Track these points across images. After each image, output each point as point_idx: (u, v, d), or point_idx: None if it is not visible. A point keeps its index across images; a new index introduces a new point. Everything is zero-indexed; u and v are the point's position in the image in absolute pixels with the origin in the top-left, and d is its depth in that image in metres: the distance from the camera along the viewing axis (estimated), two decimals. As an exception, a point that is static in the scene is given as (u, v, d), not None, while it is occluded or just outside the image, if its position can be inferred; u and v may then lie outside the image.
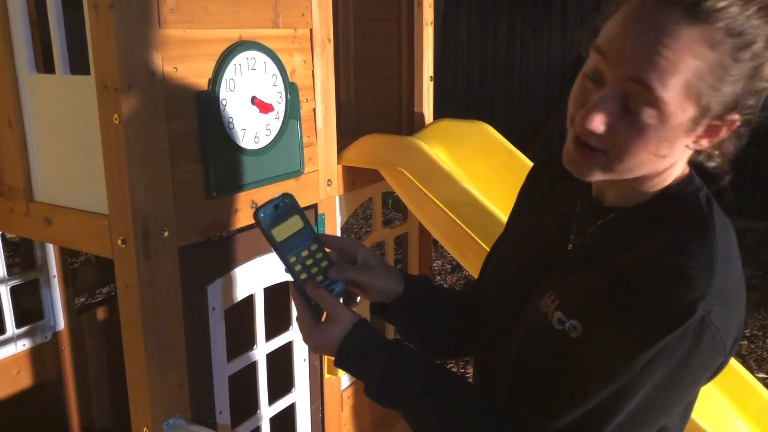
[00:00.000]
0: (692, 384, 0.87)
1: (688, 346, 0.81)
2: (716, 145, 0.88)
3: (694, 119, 0.82)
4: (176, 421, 1.44)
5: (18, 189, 1.52)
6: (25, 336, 2.41)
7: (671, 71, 0.78)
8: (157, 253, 1.37)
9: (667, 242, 0.86)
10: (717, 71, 0.79)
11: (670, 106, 0.80)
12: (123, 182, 1.31)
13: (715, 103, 0.81)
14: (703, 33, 0.77)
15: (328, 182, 1.83)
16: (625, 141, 0.83)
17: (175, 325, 1.42)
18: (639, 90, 0.80)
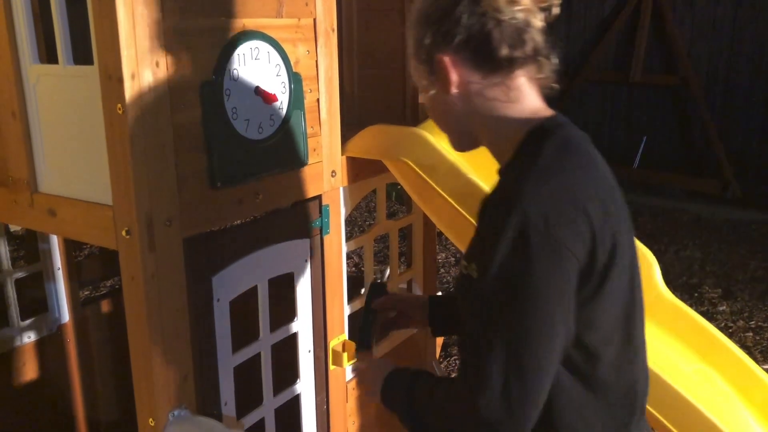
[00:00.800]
0: (551, 285, 0.96)
1: (523, 255, 0.94)
2: (463, 85, 1.10)
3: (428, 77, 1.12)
4: (181, 412, 1.44)
5: (22, 180, 1.52)
6: (30, 328, 2.42)
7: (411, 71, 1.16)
8: (161, 244, 1.36)
9: (508, 177, 1.05)
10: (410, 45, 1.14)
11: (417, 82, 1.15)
12: (127, 173, 1.30)
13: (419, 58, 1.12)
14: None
15: (332, 173, 1.83)
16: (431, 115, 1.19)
17: (179, 317, 1.42)
18: None
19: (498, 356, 0.97)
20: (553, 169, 1.01)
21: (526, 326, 0.97)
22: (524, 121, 1.10)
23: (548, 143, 1.05)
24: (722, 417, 1.62)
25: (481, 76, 1.09)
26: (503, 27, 1.06)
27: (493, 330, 0.98)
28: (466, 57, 1.08)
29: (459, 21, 1.06)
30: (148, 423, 1.44)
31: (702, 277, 4.77)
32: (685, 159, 7.00)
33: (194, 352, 1.48)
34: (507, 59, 1.07)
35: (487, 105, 1.11)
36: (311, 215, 1.80)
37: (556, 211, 0.96)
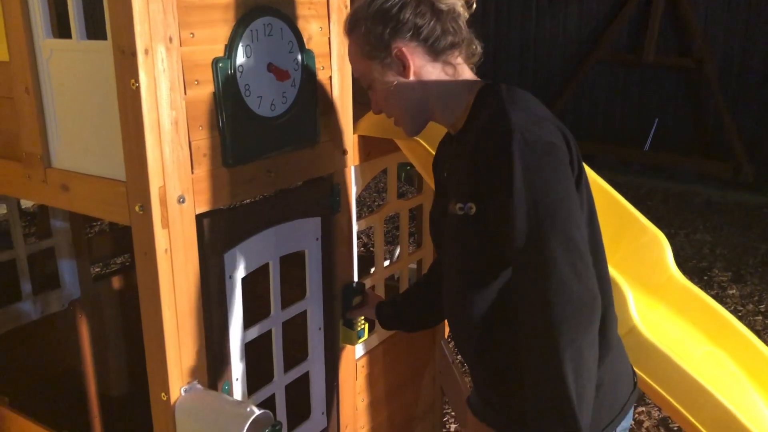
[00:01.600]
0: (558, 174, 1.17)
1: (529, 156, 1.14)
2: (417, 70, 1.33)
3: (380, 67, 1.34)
4: (193, 387, 1.46)
5: (36, 156, 1.52)
6: (42, 304, 2.44)
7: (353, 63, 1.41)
8: (174, 220, 1.37)
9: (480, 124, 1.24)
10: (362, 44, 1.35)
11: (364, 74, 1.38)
12: (140, 149, 1.30)
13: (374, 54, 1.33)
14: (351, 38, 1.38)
15: (343, 152, 1.82)
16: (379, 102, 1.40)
17: (192, 293, 1.43)
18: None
19: (557, 250, 1.13)
20: (519, 102, 1.24)
21: (564, 216, 1.15)
22: (470, 88, 1.33)
23: (502, 90, 1.27)
24: (732, 399, 1.63)
25: (431, 60, 1.33)
26: (444, 17, 1.30)
27: (540, 232, 1.14)
28: (418, 45, 1.31)
29: (409, 15, 1.29)
30: (160, 397, 1.45)
31: (712, 261, 4.76)
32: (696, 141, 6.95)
33: (206, 328, 1.49)
34: (450, 44, 1.32)
35: (439, 84, 1.34)
36: (322, 194, 1.80)
37: (540, 126, 1.19)
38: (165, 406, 1.44)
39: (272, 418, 1.41)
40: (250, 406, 1.38)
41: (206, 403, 1.43)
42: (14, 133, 1.56)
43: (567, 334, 1.13)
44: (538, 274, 1.14)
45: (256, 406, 1.39)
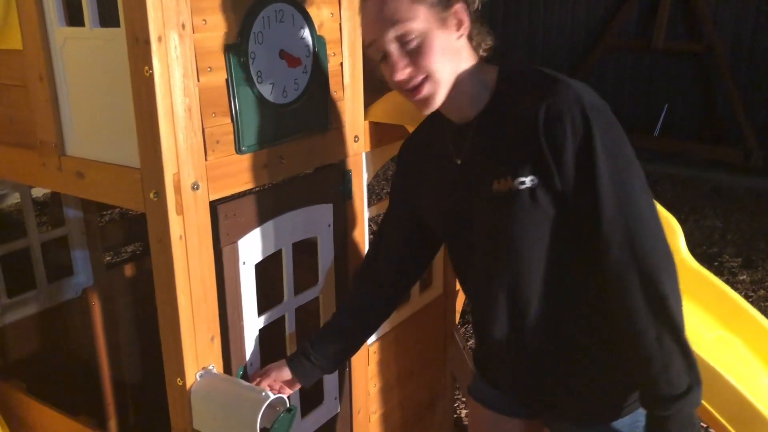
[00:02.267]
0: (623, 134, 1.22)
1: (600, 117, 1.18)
2: (470, 35, 1.30)
3: (438, 20, 1.23)
4: (209, 372, 1.47)
5: (50, 143, 1.53)
6: (56, 291, 2.46)
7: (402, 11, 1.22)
8: (188, 207, 1.38)
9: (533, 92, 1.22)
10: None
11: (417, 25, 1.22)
12: (155, 135, 1.31)
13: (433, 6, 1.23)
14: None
15: (355, 138, 1.82)
16: (423, 60, 1.23)
17: (206, 278, 1.44)
18: (400, 36, 1.23)
19: (643, 202, 1.19)
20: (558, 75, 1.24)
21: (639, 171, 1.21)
22: (491, 69, 1.32)
23: (527, 68, 1.29)
24: (744, 383, 1.63)
25: (470, 35, 1.30)
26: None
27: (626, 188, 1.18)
28: (469, 15, 1.28)
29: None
30: (176, 382, 1.46)
31: (722, 247, 4.74)
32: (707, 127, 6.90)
33: (221, 313, 1.50)
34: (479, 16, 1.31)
35: (470, 58, 1.30)
36: (334, 180, 1.80)
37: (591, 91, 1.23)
38: (181, 391, 1.46)
39: (286, 402, 1.43)
40: (264, 391, 1.40)
41: (221, 387, 1.45)
42: (29, 121, 1.57)
43: (668, 282, 1.18)
44: (630, 228, 1.17)
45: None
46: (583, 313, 1.31)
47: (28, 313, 2.38)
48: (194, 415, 1.45)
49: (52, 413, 1.83)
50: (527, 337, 1.34)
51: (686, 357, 1.20)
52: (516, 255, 1.29)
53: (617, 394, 1.34)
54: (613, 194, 1.17)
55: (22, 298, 2.36)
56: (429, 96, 1.27)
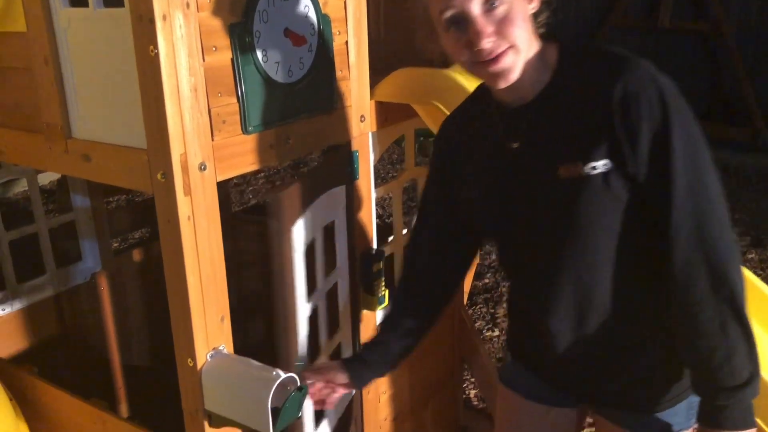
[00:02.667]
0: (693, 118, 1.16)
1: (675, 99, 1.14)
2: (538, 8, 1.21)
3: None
4: (219, 353, 1.47)
5: (56, 126, 1.53)
6: (65, 277, 2.47)
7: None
8: (196, 187, 1.37)
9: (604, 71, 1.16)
10: None
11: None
12: (161, 116, 1.30)
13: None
14: None
15: (361, 118, 1.82)
16: (509, 28, 1.14)
17: (216, 259, 1.44)
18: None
19: (713, 189, 1.15)
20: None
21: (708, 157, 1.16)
22: (551, 46, 1.24)
23: (591, 45, 1.25)
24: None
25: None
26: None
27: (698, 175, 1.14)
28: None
29: None
30: (186, 363, 1.47)
31: (730, 226, 4.72)
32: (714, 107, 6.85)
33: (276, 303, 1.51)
34: None
35: (537, 31, 1.22)
36: (344, 161, 1.80)
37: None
38: (191, 372, 1.46)
39: (297, 382, 1.43)
40: (276, 370, 1.40)
41: (232, 367, 1.45)
42: (34, 104, 1.57)
43: (734, 270, 1.16)
44: (700, 216, 1.14)
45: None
46: (647, 303, 1.28)
47: (39, 298, 2.39)
48: (205, 395, 1.46)
49: (65, 396, 1.84)
50: (589, 328, 1.29)
51: (749, 345, 1.18)
52: (586, 245, 1.22)
53: (675, 381, 1.31)
54: (686, 182, 1.13)
55: (32, 283, 2.37)
56: (509, 67, 1.16)
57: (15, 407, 1.81)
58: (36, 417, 1.89)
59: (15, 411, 1.80)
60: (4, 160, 1.73)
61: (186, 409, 1.52)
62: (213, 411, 1.47)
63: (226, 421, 1.46)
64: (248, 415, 1.41)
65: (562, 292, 1.28)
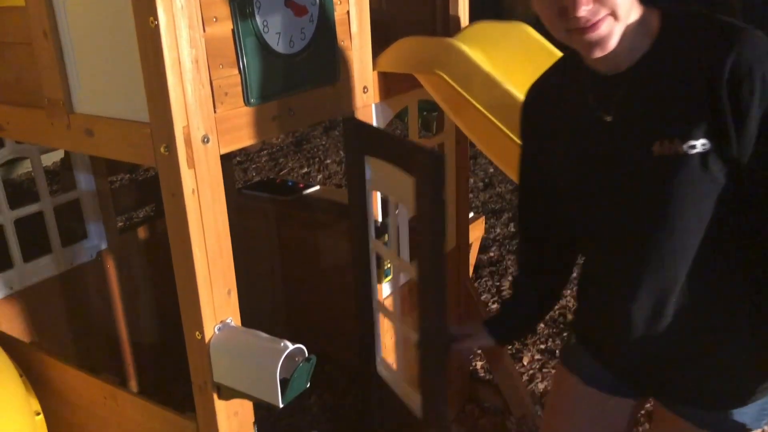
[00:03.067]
0: None
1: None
2: None
3: None
4: (227, 326, 1.48)
5: (58, 101, 1.52)
6: (71, 255, 2.48)
7: None
8: (200, 160, 1.36)
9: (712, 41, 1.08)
10: None
11: None
12: (162, 88, 1.29)
13: None
14: None
15: (364, 89, 1.80)
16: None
17: (221, 232, 1.44)
18: None
19: None
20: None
21: None
22: (652, 12, 1.16)
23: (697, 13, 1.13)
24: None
25: None
26: None
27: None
28: None
29: None
30: (194, 336, 1.47)
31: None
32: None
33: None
34: None
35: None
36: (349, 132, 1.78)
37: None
38: (200, 345, 1.47)
39: (305, 352, 1.44)
40: (283, 341, 1.40)
41: (240, 339, 1.46)
42: (35, 79, 1.56)
43: None
44: None
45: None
46: (730, 292, 1.21)
47: (45, 277, 2.39)
48: (214, 368, 1.47)
49: (75, 372, 1.85)
50: (667, 315, 1.23)
51: None
52: (674, 228, 1.15)
53: (750, 379, 1.24)
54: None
55: (38, 261, 2.37)
56: (607, 35, 1.08)
57: (26, 383, 1.83)
58: (47, 394, 1.90)
59: (26, 387, 1.81)
60: (7, 136, 1.73)
61: (195, 382, 1.52)
62: (222, 383, 1.48)
63: (235, 393, 1.47)
64: (257, 387, 1.42)
65: (645, 275, 1.21)
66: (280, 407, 1.41)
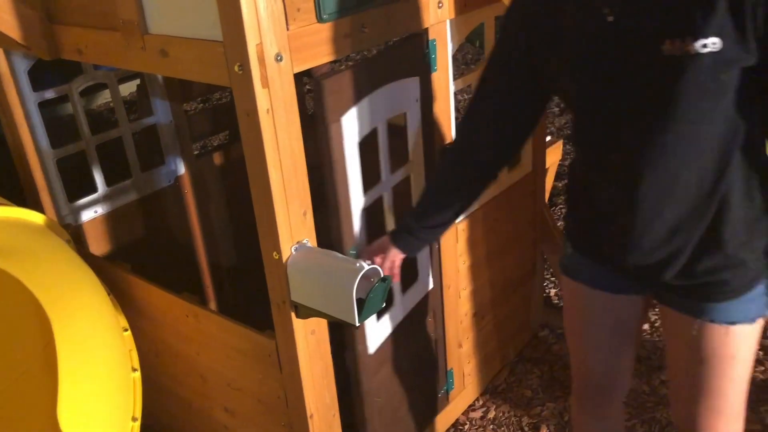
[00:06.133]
0: None
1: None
2: None
3: None
4: (303, 246, 1.49)
5: (132, 23, 1.51)
6: (150, 180, 2.54)
7: None
8: (273, 79, 1.34)
9: None
10: None
11: None
12: (235, 5, 1.26)
13: None
14: None
15: (438, 4, 1.72)
16: None
17: (296, 152, 1.42)
18: None
19: None
20: None
21: None
22: None
23: None
24: None
25: None
26: None
27: None
28: None
29: None
30: (272, 256, 1.49)
31: None
32: None
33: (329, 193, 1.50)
34: None
35: None
36: (419, 51, 1.72)
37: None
38: (277, 265, 1.49)
39: (380, 273, 1.43)
40: (359, 262, 1.40)
41: (317, 259, 1.47)
42: (109, 2, 1.55)
43: None
44: None
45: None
46: (740, 185, 1.19)
47: (127, 201, 2.47)
48: (291, 287, 1.49)
49: (158, 291, 1.92)
50: (671, 214, 1.21)
51: None
52: (680, 130, 1.13)
53: (754, 263, 1.25)
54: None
55: (120, 186, 2.45)
56: None
57: (113, 301, 1.91)
58: (132, 311, 1.99)
59: (114, 305, 1.90)
60: (84, 60, 1.74)
61: (273, 301, 1.55)
62: (299, 302, 1.50)
63: (312, 312, 1.49)
64: (334, 306, 1.43)
65: (648, 178, 1.19)
66: (357, 326, 1.42)
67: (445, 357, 2.15)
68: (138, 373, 1.81)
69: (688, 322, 1.32)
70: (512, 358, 2.58)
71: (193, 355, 1.93)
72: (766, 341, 2.43)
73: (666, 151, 1.16)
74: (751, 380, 1.39)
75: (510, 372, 2.53)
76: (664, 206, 1.21)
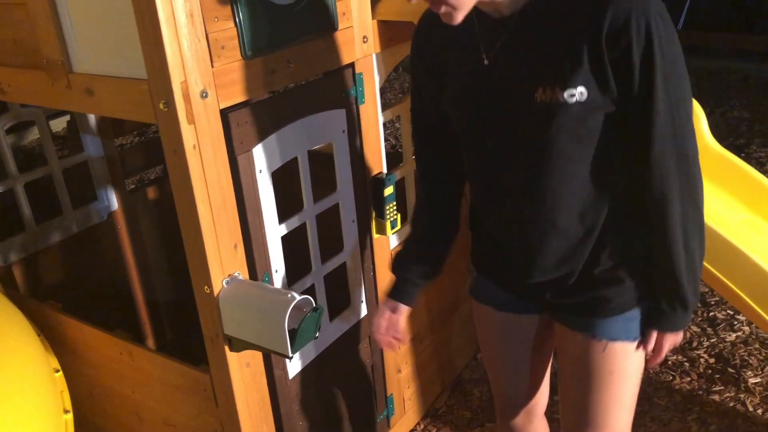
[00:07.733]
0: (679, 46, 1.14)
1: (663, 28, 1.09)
2: None
3: None
4: (234, 279, 1.50)
5: (56, 62, 1.51)
6: (82, 217, 2.50)
7: None
8: (199, 115, 1.36)
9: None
10: None
11: None
12: (158, 43, 1.29)
13: None
14: None
15: (363, 39, 1.78)
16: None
17: (224, 187, 1.44)
18: None
19: (687, 119, 1.16)
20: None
21: (688, 88, 1.16)
22: None
23: None
24: None
25: None
26: None
27: (675, 110, 1.13)
28: None
29: None
30: (203, 291, 1.50)
31: (750, 137, 4.64)
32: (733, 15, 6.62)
33: (242, 222, 1.52)
34: None
35: None
36: (345, 84, 1.77)
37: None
38: (209, 299, 1.49)
39: (312, 303, 1.46)
40: (290, 293, 1.42)
41: (248, 292, 1.48)
42: (33, 40, 1.55)
43: (701, 194, 1.21)
44: (677, 142, 1.15)
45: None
46: (614, 217, 1.27)
47: (58, 239, 2.43)
48: (224, 320, 1.49)
49: (91, 330, 1.89)
50: (551, 246, 1.29)
51: (698, 277, 1.27)
52: (554, 171, 1.20)
53: (629, 288, 1.33)
54: (667, 116, 1.13)
55: (50, 223, 2.40)
56: (447, 15, 1.12)
57: (44, 342, 1.87)
58: (65, 352, 1.95)
59: (44, 346, 1.86)
60: (8, 99, 1.73)
61: (206, 335, 1.56)
62: (232, 335, 1.50)
63: (246, 345, 1.50)
64: (267, 338, 1.44)
65: (530, 214, 1.27)
66: (290, 357, 1.43)
67: (384, 382, 2.17)
68: (70, 414, 1.78)
69: (574, 337, 1.39)
70: (452, 380, 2.62)
71: (128, 393, 1.90)
72: (692, 353, 2.54)
73: (544, 188, 1.23)
74: (678, 390, 1.45)
75: (450, 394, 2.57)
76: (549, 237, 1.27)
